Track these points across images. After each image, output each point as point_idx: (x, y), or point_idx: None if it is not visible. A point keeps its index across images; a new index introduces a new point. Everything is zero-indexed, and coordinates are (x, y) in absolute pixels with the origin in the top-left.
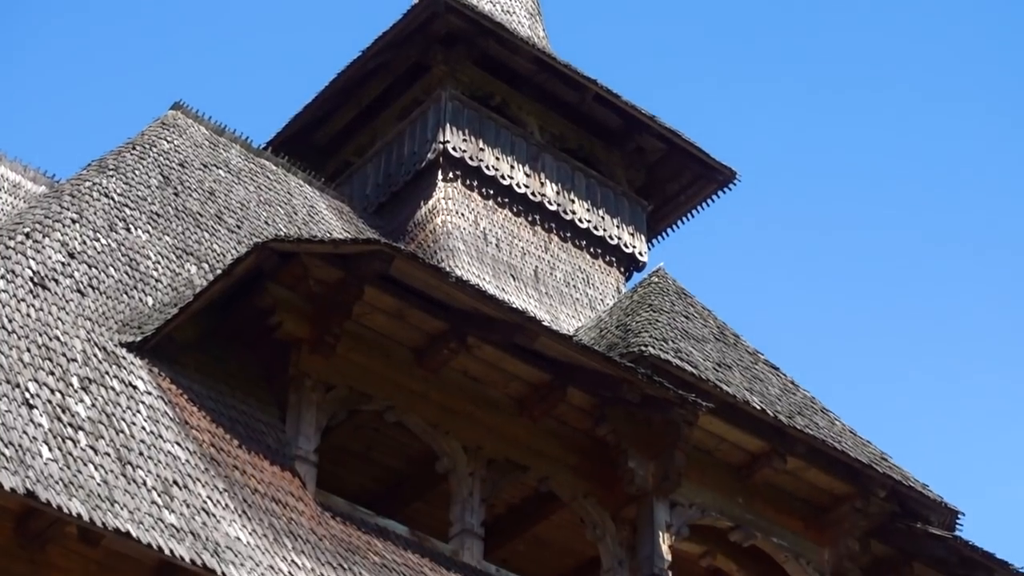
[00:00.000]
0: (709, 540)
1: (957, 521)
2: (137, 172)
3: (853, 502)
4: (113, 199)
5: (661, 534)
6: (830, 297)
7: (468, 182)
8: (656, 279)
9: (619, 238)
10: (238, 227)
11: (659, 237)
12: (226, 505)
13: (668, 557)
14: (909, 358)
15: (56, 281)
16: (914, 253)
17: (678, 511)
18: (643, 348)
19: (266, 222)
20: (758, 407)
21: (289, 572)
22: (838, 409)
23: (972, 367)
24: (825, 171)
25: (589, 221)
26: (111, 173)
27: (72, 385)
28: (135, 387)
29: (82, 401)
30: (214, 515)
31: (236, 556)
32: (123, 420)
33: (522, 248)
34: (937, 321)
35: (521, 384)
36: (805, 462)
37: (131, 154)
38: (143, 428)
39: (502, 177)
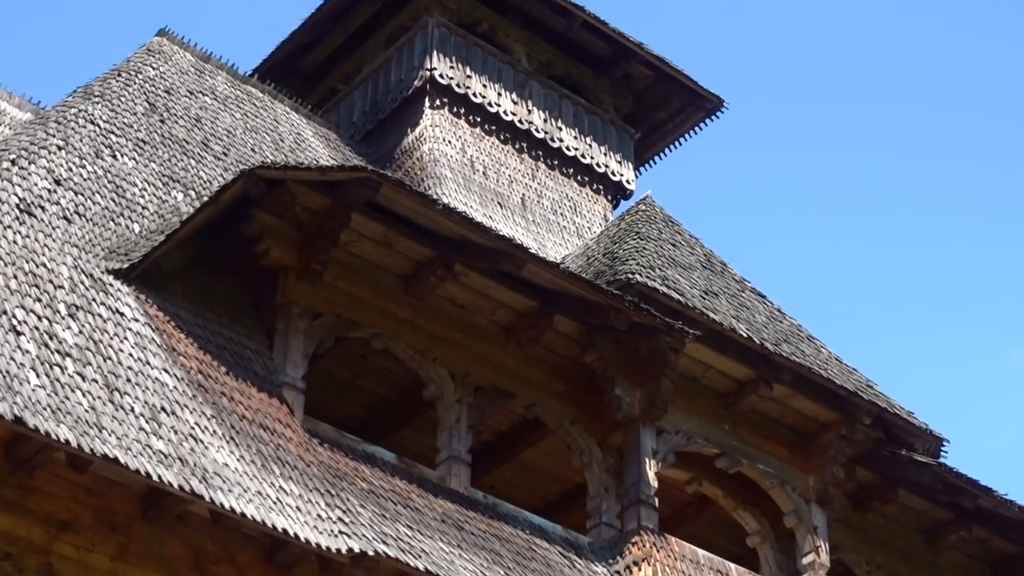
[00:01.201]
0: (695, 467)
1: (942, 448)
2: (123, 99)
3: (838, 429)
4: (99, 126)
5: (647, 461)
6: (816, 225)
7: (455, 110)
8: (643, 207)
9: (606, 166)
10: (224, 154)
11: (646, 165)
12: (214, 432)
13: (654, 484)
14: (896, 286)
15: (42, 208)
16: (902, 180)
17: (664, 438)
18: (630, 276)
19: (252, 149)
20: (744, 335)
21: (277, 498)
22: (824, 337)
23: (959, 297)
24: (812, 99)
25: (576, 149)
26: (97, 100)
27: (59, 312)
28: (122, 314)
29: (69, 328)
30: (202, 441)
31: (224, 482)
32: (110, 347)
33: (509, 176)
34: (925, 248)
35: (508, 311)
36: (791, 389)
37: (117, 81)
38: (130, 355)
39: (489, 105)
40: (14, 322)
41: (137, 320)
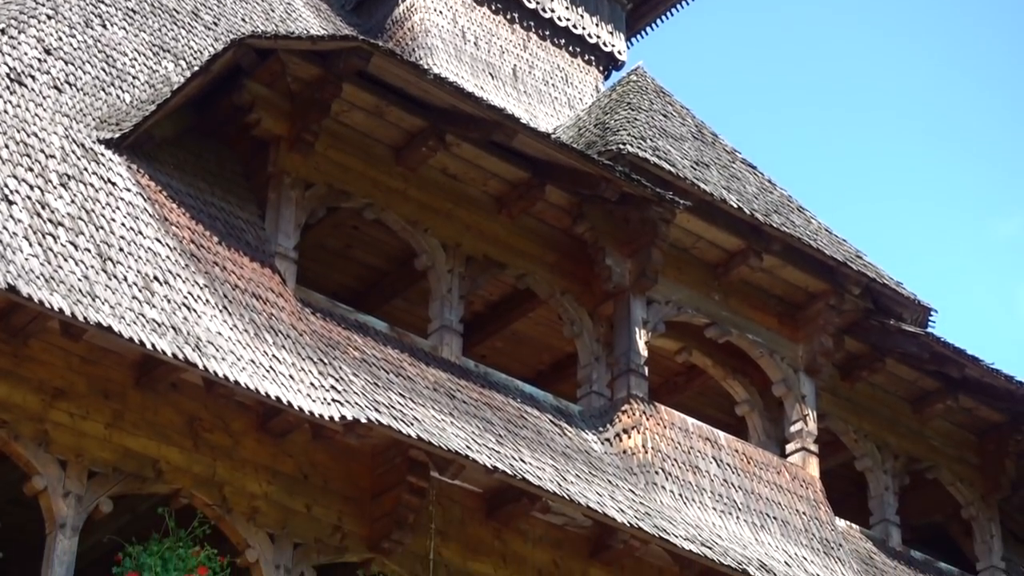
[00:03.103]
0: (685, 336)
1: (930, 318)
2: None
3: (827, 299)
4: None
5: (638, 330)
6: (806, 96)
7: None
8: (635, 78)
9: (598, 36)
10: (215, 24)
11: (638, 36)
12: (207, 300)
13: (644, 353)
14: (884, 158)
15: (33, 77)
16: (891, 50)
17: (655, 308)
18: (621, 146)
19: (243, 19)
20: (735, 205)
21: (270, 366)
22: (814, 208)
23: (945, 168)
24: None
25: (568, 19)
26: None
27: (51, 181)
28: (114, 183)
29: (61, 197)
30: (195, 310)
31: (217, 350)
32: (103, 216)
33: (500, 46)
34: (912, 120)
35: (499, 182)
36: (781, 260)
37: None
38: (123, 224)
39: None
40: (6, 191)
41: (129, 190)
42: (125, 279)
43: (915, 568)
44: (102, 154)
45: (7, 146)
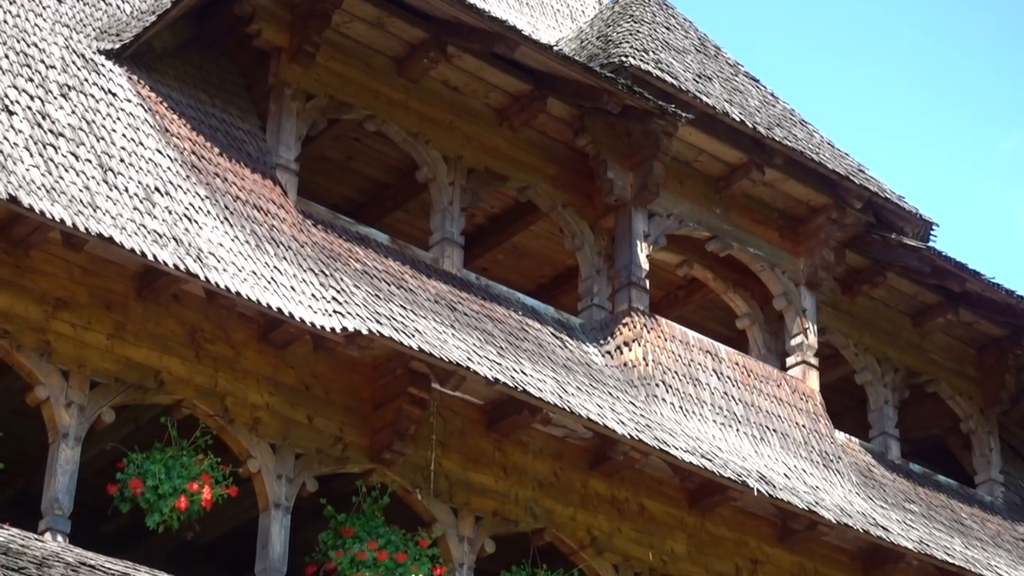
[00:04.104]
0: (686, 250)
1: (931, 232)
2: None
3: (829, 213)
4: None
5: (639, 243)
6: (809, 10)
7: None
8: None
9: None
10: None
11: None
12: (208, 212)
13: (645, 266)
14: (887, 72)
15: None
16: None
17: (656, 221)
18: (623, 58)
19: None
20: (737, 118)
21: (271, 278)
22: (816, 122)
23: (947, 84)
24: None
25: None
26: None
27: (52, 92)
28: (115, 94)
29: (62, 108)
30: (196, 221)
31: (219, 262)
32: (103, 127)
33: None
34: (914, 35)
35: (501, 94)
36: (783, 173)
37: None
38: (123, 135)
39: None
40: (6, 102)
41: (130, 101)
42: (126, 190)
43: (914, 481)
44: (102, 65)
45: (7, 56)
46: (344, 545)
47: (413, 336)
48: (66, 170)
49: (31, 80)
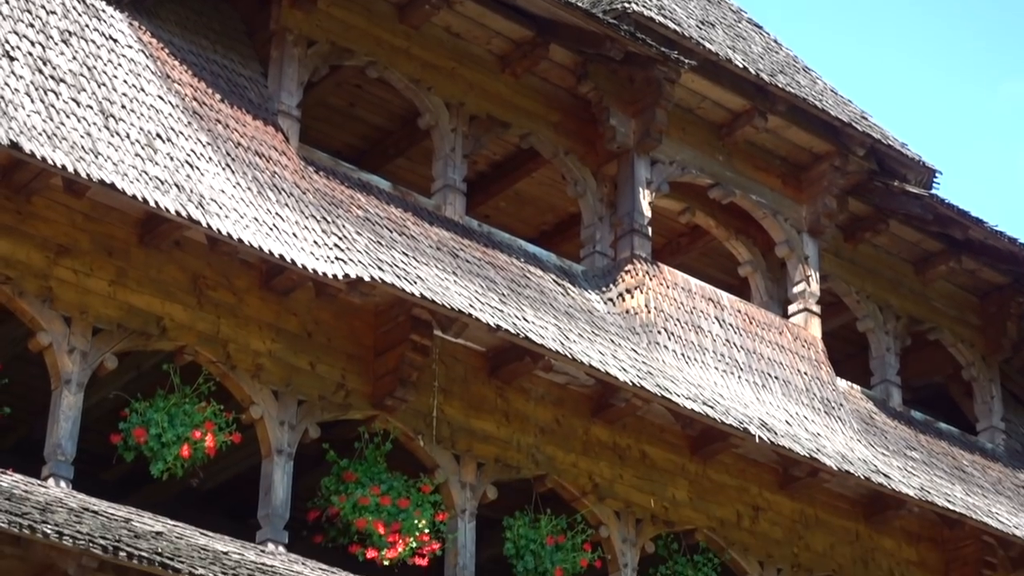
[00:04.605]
0: (689, 197)
1: (934, 180)
2: None
3: (832, 160)
4: None
5: (641, 191)
6: None
7: None
8: None
9: None
10: None
11: None
12: (210, 158)
13: (648, 213)
14: (889, 19)
15: None
16: None
17: (659, 168)
18: (626, 4)
19: None
20: (740, 65)
21: (273, 224)
22: (819, 69)
23: (950, 30)
24: None
25: None
26: None
27: (53, 38)
28: (116, 40)
29: (63, 54)
30: (198, 168)
31: (221, 208)
32: (105, 73)
33: None
34: None
35: (503, 40)
36: (785, 120)
37: None
38: (125, 81)
39: None
40: (7, 47)
41: (131, 47)
42: (127, 136)
43: (915, 428)
44: (103, 11)
45: (7, 2)
46: (347, 490)
47: (415, 283)
48: (67, 116)
49: (32, 26)
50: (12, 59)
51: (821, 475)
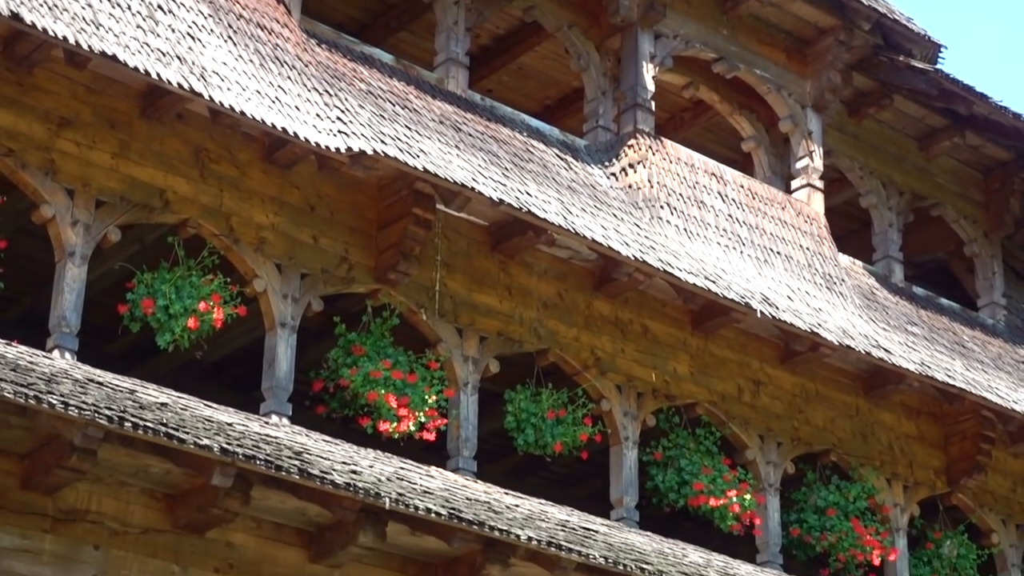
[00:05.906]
0: (692, 71)
1: (939, 55)
2: None
3: (837, 34)
4: None
5: (645, 64)
6: None
7: None
8: None
9: None
10: None
11: None
12: (211, 30)
13: (651, 87)
14: None
15: None
16: None
17: (662, 42)
18: None
19: None
20: None
21: (275, 97)
22: None
23: None
24: None
25: None
26: None
27: None
28: None
29: None
30: (200, 40)
31: (223, 80)
32: None
33: None
34: None
35: None
36: None
37: None
38: None
39: None
40: None
41: None
42: (129, 7)
43: (917, 304)
44: None
45: None
46: (357, 363)
47: (418, 156)
48: None
49: None
50: None
51: (822, 350)
